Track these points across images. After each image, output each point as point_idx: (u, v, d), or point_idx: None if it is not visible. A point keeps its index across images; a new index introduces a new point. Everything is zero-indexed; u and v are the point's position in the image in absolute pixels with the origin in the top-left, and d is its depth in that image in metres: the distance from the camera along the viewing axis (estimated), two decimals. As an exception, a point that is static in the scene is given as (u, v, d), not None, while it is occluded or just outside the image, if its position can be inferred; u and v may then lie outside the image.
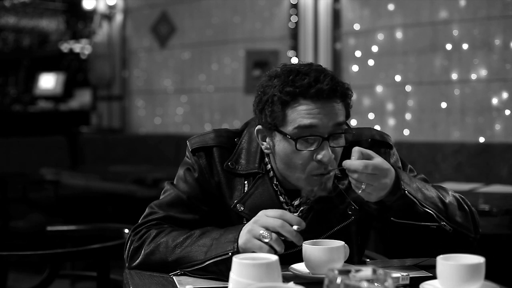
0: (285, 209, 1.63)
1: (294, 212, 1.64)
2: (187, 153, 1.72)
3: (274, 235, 1.42)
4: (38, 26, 8.58)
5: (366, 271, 1.11)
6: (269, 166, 1.66)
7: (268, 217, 1.44)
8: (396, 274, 1.43)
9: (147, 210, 1.69)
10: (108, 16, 6.68)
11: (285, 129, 1.53)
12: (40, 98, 7.69)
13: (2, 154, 5.41)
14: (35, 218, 4.91)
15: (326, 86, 1.50)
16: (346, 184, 1.62)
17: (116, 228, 2.49)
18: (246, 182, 1.66)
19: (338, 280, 1.09)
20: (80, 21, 7.16)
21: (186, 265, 1.53)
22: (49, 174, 4.92)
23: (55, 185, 4.86)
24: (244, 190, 1.65)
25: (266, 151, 1.63)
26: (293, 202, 1.66)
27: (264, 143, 1.63)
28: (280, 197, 1.65)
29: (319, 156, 1.52)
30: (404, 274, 1.45)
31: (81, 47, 7.33)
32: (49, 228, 2.52)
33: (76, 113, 7.26)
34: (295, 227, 1.43)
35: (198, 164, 1.68)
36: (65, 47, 7.57)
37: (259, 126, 1.62)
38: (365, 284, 1.06)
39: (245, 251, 1.45)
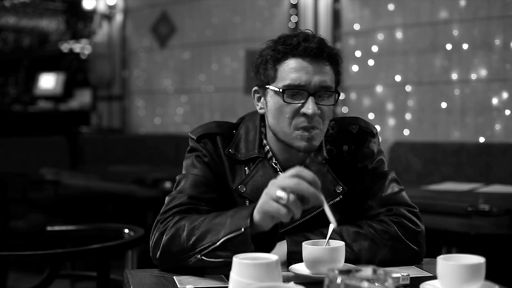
0: None
1: None
2: (191, 144, 1.76)
3: (291, 196, 1.39)
4: (38, 26, 8.58)
5: (367, 271, 1.11)
6: (267, 147, 1.74)
7: (284, 177, 1.42)
8: (396, 274, 1.44)
9: (167, 199, 1.67)
10: (108, 16, 6.69)
11: (276, 85, 1.66)
12: (40, 98, 7.69)
13: (2, 154, 5.41)
14: (35, 218, 4.91)
15: (313, 44, 1.63)
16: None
17: (116, 228, 2.49)
18: (246, 168, 1.73)
19: (339, 280, 1.09)
20: (80, 21, 7.16)
21: (203, 247, 1.50)
22: (49, 174, 4.91)
23: (55, 185, 4.86)
24: (244, 175, 1.72)
25: (260, 111, 1.75)
26: None
27: (259, 103, 1.75)
28: (280, 173, 1.71)
29: (304, 109, 1.63)
30: (405, 274, 1.45)
31: (81, 47, 7.33)
32: (49, 228, 2.52)
33: (76, 113, 7.26)
34: None
35: (206, 149, 1.74)
36: (65, 47, 7.58)
37: (255, 87, 1.75)
38: (365, 284, 1.06)
39: (261, 223, 1.43)
